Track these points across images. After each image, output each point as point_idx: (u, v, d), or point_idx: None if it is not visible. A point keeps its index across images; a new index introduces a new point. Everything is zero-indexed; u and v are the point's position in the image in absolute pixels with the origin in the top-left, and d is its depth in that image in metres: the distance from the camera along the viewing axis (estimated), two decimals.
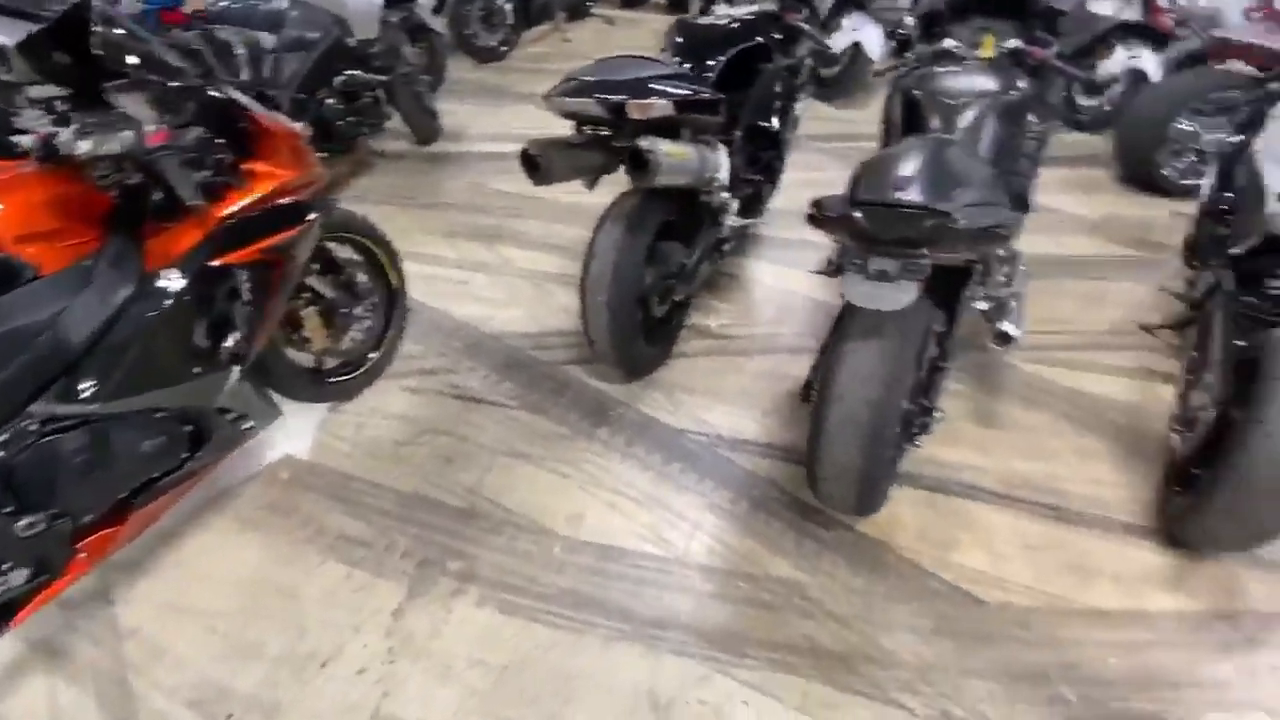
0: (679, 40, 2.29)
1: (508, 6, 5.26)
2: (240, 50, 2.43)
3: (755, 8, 2.57)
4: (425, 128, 3.80)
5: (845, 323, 1.54)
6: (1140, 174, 3.64)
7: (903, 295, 1.36)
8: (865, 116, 2.33)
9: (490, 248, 3.02)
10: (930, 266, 1.36)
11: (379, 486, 1.89)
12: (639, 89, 1.76)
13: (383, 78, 3.21)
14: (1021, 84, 2.07)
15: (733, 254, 2.85)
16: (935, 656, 1.53)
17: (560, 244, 2.96)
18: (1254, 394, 1.51)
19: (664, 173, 1.76)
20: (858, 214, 1.37)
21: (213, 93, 1.36)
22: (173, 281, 1.32)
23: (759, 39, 2.45)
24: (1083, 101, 4.51)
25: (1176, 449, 1.79)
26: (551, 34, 6.10)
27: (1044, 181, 3.61)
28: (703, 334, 2.54)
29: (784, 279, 2.81)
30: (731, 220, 2.39)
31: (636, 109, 1.72)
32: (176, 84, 1.31)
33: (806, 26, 2.59)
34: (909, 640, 1.56)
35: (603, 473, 1.95)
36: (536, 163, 1.73)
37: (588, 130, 1.84)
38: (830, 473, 1.56)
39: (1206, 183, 2.52)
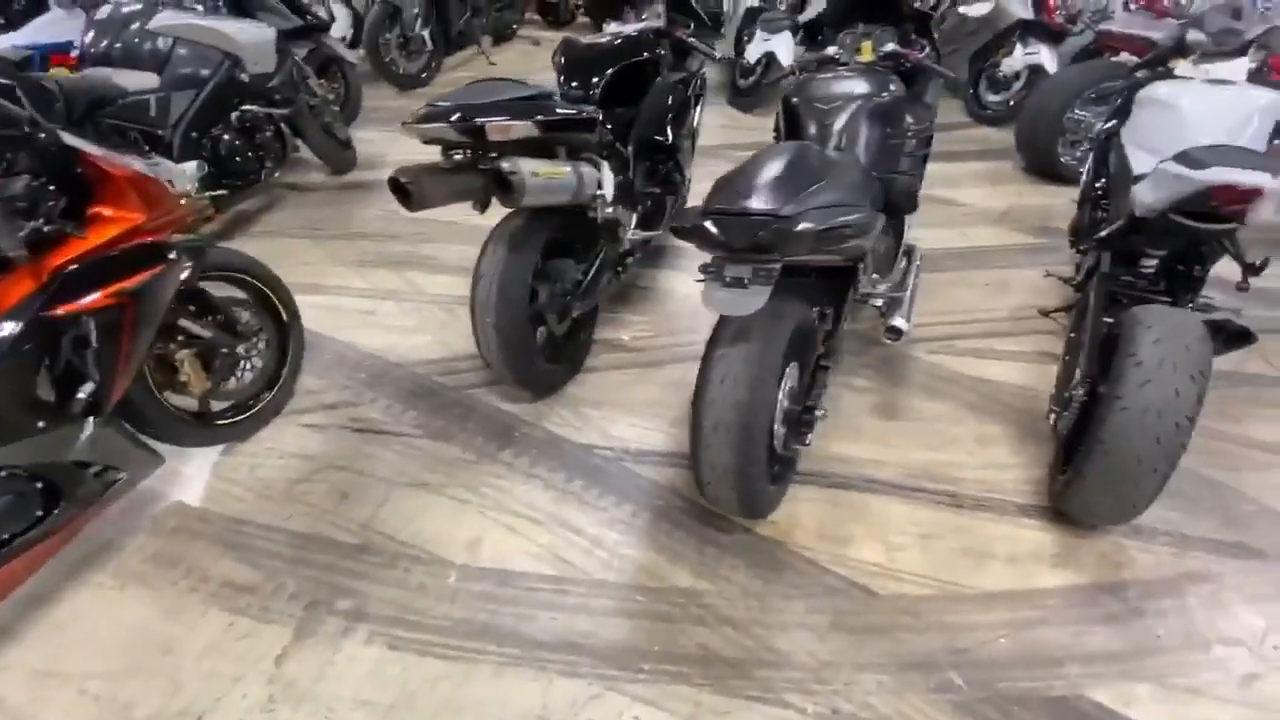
0: (563, 60, 2.31)
1: (425, 34, 5.24)
2: (59, 97, 2.38)
3: (643, 24, 2.60)
4: (337, 158, 3.76)
5: (716, 329, 1.56)
6: (1041, 163, 3.79)
7: (755, 300, 1.38)
8: None
9: (400, 275, 2.98)
10: (780, 270, 1.39)
11: (270, 528, 1.84)
12: (500, 111, 1.76)
13: (283, 111, 3.17)
14: (894, 86, 2.13)
15: (643, 266, 2.87)
16: (829, 654, 1.54)
17: (471, 267, 2.92)
18: (1113, 370, 1.57)
19: (533, 193, 1.76)
20: (708, 223, 1.39)
21: (28, 137, 1.32)
22: (1, 335, 1.27)
23: (645, 54, 2.48)
24: (988, 97, 4.70)
25: (1059, 428, 1.84)
26: (476, 58, 6.09)
27: (954, 176, 3.78)
28: (614, 347, 2.54)
29: (696, 288, 2.81)
30: (632, 234, 2.41)
31: (495, 131, 1.72)
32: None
33: (693, 40, 2.64)
34: (804, 639, 1.56)
35: (504, 496, 1.93)
36: (408, 190, 1.71)
37: (455, 155, 1.83)
38: (711, 475, 1.56)
39: (1085, 169, 2.63)
